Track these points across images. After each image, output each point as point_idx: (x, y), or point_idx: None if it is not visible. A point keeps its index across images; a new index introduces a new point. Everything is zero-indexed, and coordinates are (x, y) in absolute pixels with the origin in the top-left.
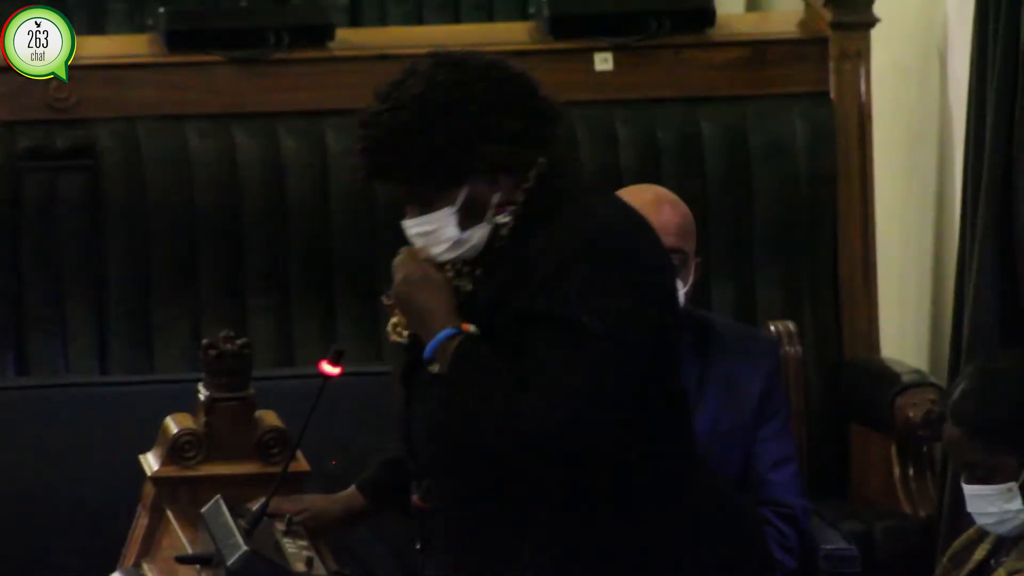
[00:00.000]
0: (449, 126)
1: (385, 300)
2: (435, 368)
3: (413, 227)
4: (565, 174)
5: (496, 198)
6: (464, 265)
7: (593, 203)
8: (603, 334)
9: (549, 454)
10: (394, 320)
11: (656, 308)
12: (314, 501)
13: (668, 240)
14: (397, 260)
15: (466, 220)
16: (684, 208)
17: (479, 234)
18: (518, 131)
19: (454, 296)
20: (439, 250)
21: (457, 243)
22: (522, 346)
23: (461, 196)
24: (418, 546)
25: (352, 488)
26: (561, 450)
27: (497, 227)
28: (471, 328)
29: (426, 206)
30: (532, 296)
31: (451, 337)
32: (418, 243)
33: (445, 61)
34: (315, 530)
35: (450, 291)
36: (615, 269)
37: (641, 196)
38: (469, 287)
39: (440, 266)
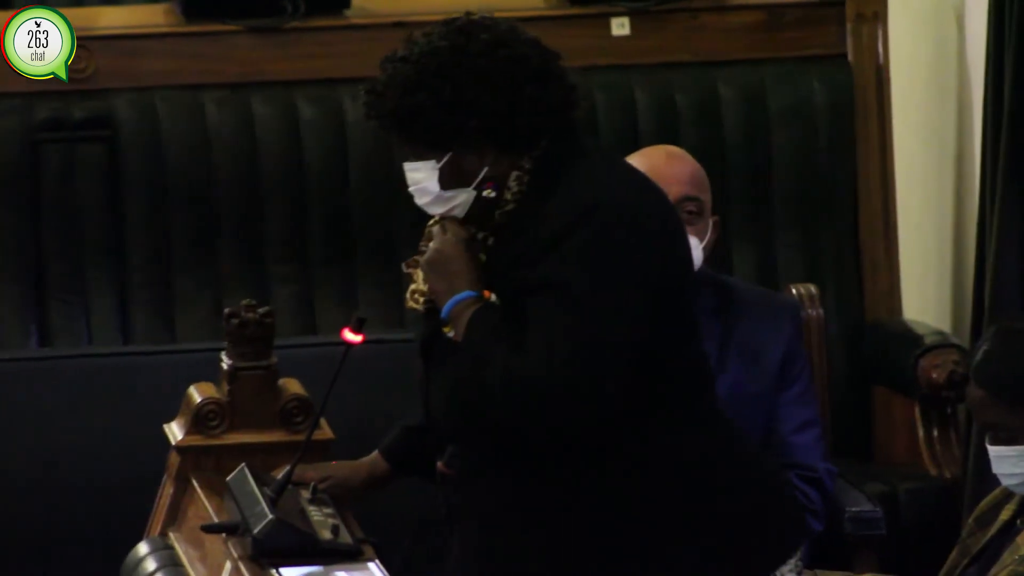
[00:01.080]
0: (437, 91)
1: (405, 267)
2: (450, 332)
3: (408, 169)
4: (572, 145)
5: (485, 171)
6: (477, 232)
7: (598, 170)
8: (599, 298)
9: (544, 419)
10: (412, 287)
11: (659, 271)
12: (338, 468)
13: (682, 189)
14: (434, 227)
15: (448, 181)
16: (695, 162)
17: (461, 198)
18: (502, 112)
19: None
20: (423, 200)
21: (438, 199)
22: (525, 314)
23: (445, 158)
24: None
25: (375, 454)
26: (556, 415)
27: (485, 197)
28: (492, 297)
29: (416, 156)
30: (532, 264)
31: (468, 302)
32: (410, 187)
33: (457, 26)
34: (340, 497)
35: (478, 265)
36: (614, 233)
37: (652, 154)
38: (483, 257)
39: (472, 238)
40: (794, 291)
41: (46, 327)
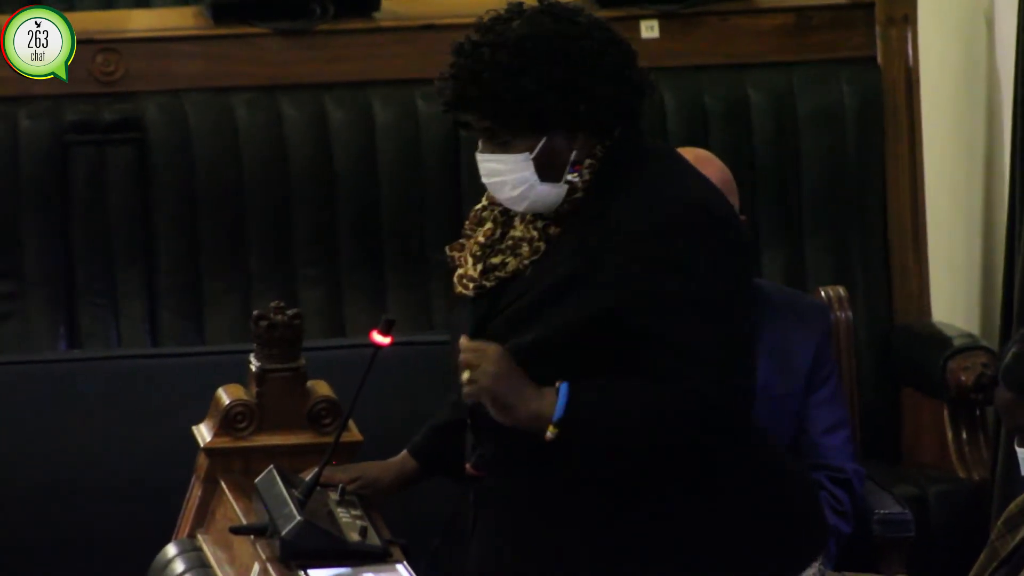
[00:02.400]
0: (545, 74)
1: (449, 251)
2: (552, 434)
3: (486, 160)
4: (640, 136)
5: (572, 156)
6: (538, 220)
7: (675, 169)
8: (719, 302)
9: (720, 428)
10: (460, 271)
11: (744, 274)
12: (366, 469)
13: None
14: (471, 355)
15: (541, 169)
16: (723, 164)
17: (555, 192)
18: (609, 95)
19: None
20: (506, 193)
21: (529, 190)
22: (638, 324)
23: (539, 145)
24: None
25: (404, 453)
26: (729, 421)
27: (570, 186)
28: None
29: (501, 146)
30: (628, 264)
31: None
32: (486, 179)
33: (554, 10)
34: (370, 497)
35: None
36: (715, 238)
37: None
38: (542, 246)
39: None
40: (823, 293)
41: (75, 329)
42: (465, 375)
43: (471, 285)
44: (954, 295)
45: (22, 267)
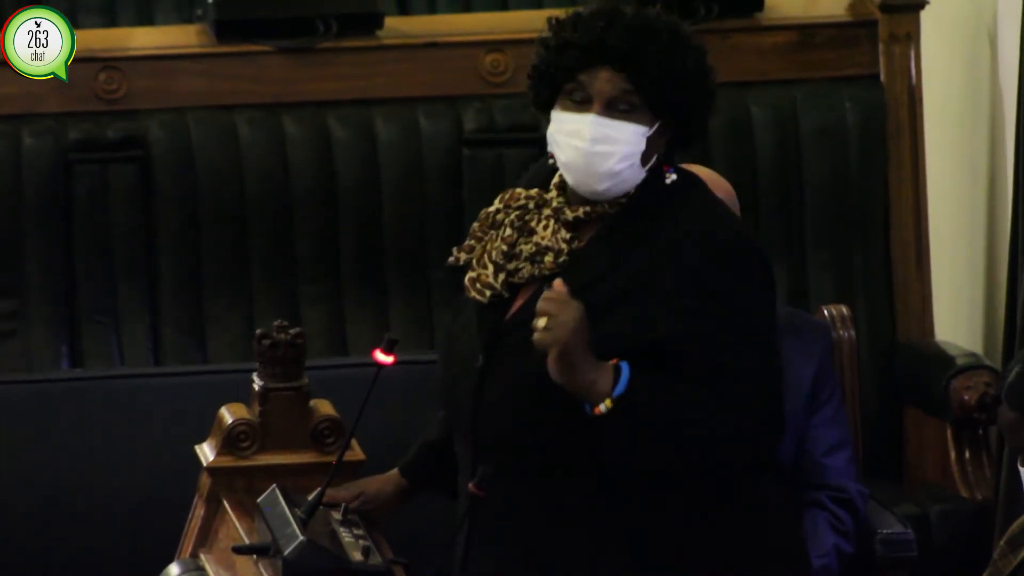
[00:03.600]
0: (698, 63)
1: (456, 251)
2: (605, 407)
3: (602, 125)
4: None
5: (655, 157)
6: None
7: (715, 201)
8: (766, 336)
9: (760, 454)
10: (473, 275)
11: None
12: (367, 485)
13: None
14: (553, 304)
15: (646, 151)
16: (727, 186)
17: (637, 179)
18: (709, 110)
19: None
20: (606, 166)
21: (628, 168)
22: (687, 351)
23: (654, 128)
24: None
25: (396, 470)
26: (768, 448)
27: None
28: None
29: (619, 113)
30: (680, 294)
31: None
32: (588, 145)
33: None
34: (375, 511)
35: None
36: (759, 273)
37: None
38: (567, 259)
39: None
40: (826, 312)
41: (78, 348)
42: (541, 322)
43: (488, 293)
44: (957, 314)
45: (25, 285)
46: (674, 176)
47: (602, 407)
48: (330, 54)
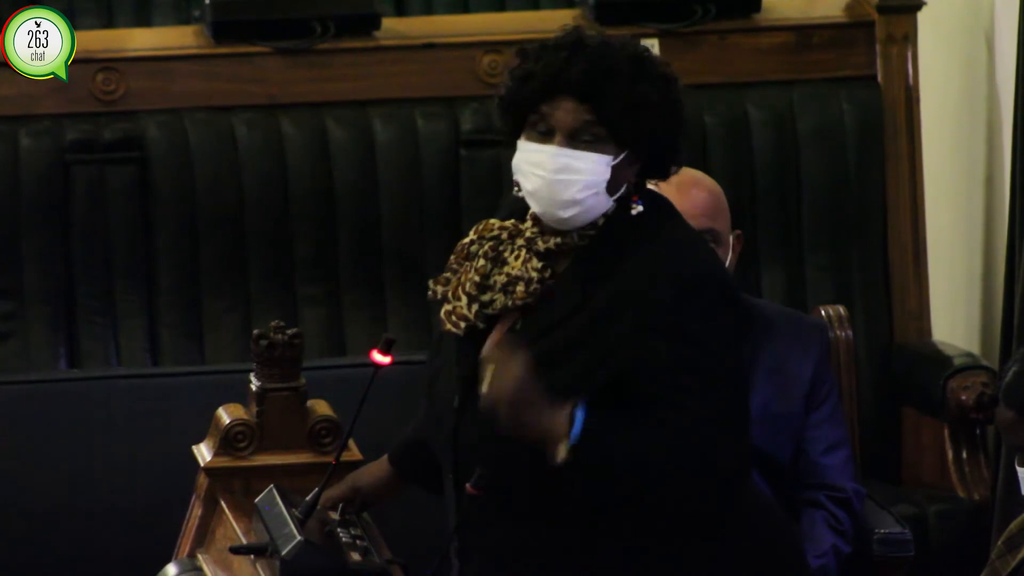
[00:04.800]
0: (662, 90)
1: (433, 284)
2: (563, 454)
3: (563, 156)
4: (652, 193)
5: (624, 187)
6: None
7: (690, 235)
8: (729, 376)
9: (720, 493)
10: (448, 308)
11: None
12: (360, 479)
13: (697, 222)
14: (491, 369)
15: (611, 181)
16: (711, 185)
17: (603, 207)
18: (680, 139)
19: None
20: (569, 194)
21: (593, 196)
22: (646, 390)
23: (621, 156)
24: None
25: (386, 457)
26: (730, 487)
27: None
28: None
29: (584, 144)
30: (642, 331)
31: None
32: (550, 174)
33: (622, 40)
34: (374, 503)
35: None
36: (727, 313)
37: (664, 186)
38: (539, 288)
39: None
40: (823, 312)
41: (75, 349)
42: (486, 384)
43: (463, 324)
44: (954, 314)
45: (22, 286)
46: (640, 208)
47: (561, 455)
48: (327, 55)
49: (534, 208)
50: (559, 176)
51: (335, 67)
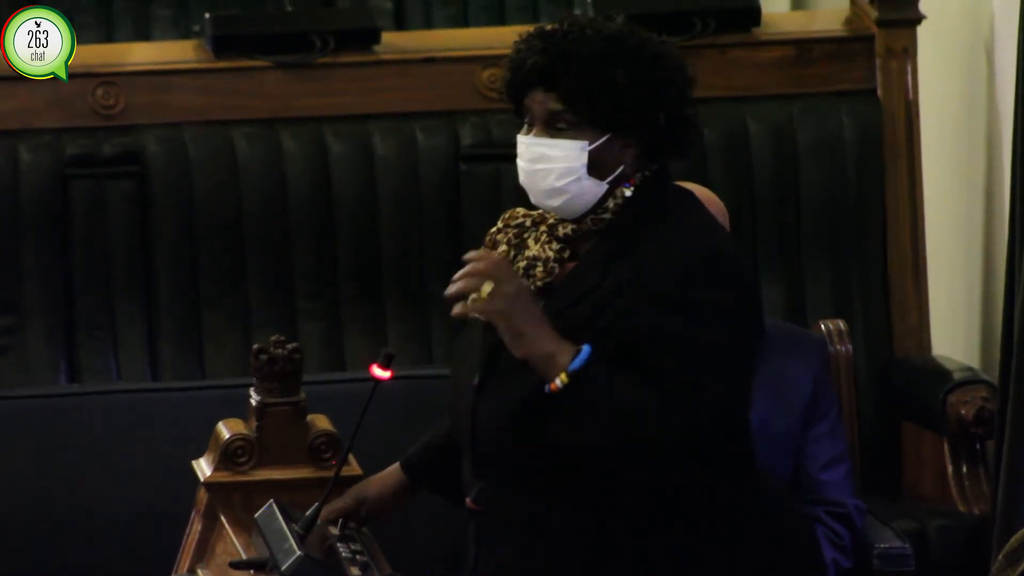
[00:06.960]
0: (636, 71)
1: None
2: (560, 382)
3: (536, 145)
4: (669, 175)
5: (621, 169)
6: (554, 242)
7: (703, 216)
8: (730, 351)
9: (697, 467)
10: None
11: (758, 324)
12: (367, 490)
13: None
14: (480, 265)
15: (590, 168)
16: (710, 198)
17: (594, 192)
18: (680, 119)
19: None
20: (548, 183)
21: (573, 183)
22: (645, 361)
23: (600, 141)
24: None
25: (396, 467)
26: (703, 462)
27: (605, 197)
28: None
29: (558, 132)
30: (646, 305)
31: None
32: (529, 165)
33: (637, 28)
34: (379, 514)
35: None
36: (736, 292)
37: None
38: (556, 267)
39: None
40: (823, 327)
41: (75, 363)
42: (486, 288)
43: None
44: (954, 328)
45: (22, 300)
46: (628, 192)
47: (558, 382)
48: (327, 69)
49: (530, 199)
50: (535, 166)
51: (335, 81)
